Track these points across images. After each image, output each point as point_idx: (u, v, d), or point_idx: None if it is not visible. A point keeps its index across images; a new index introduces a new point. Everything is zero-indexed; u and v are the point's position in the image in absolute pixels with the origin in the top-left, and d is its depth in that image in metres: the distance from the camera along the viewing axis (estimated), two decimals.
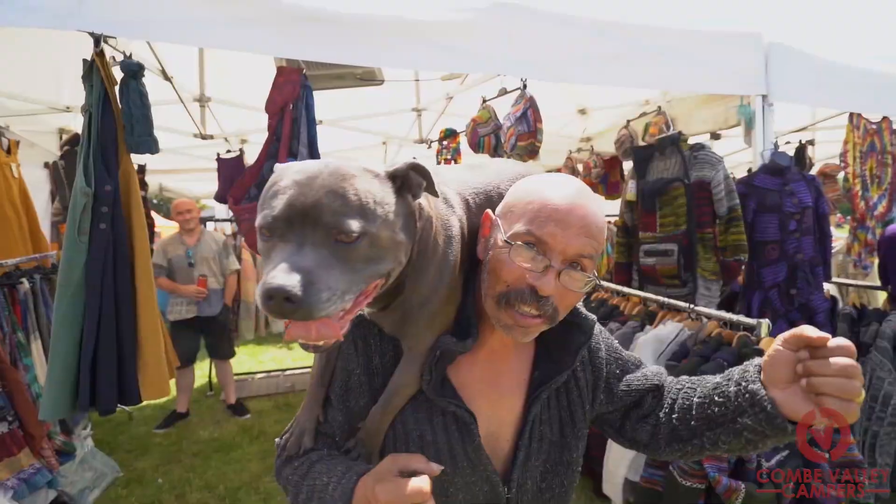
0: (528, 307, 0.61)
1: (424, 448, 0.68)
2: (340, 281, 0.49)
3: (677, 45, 2.17)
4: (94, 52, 1.42)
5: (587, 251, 0.62)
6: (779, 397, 0.57)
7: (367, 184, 0.52)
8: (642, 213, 2.34)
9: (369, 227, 0.51)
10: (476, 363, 0.72)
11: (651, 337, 2.03)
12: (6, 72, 2.62)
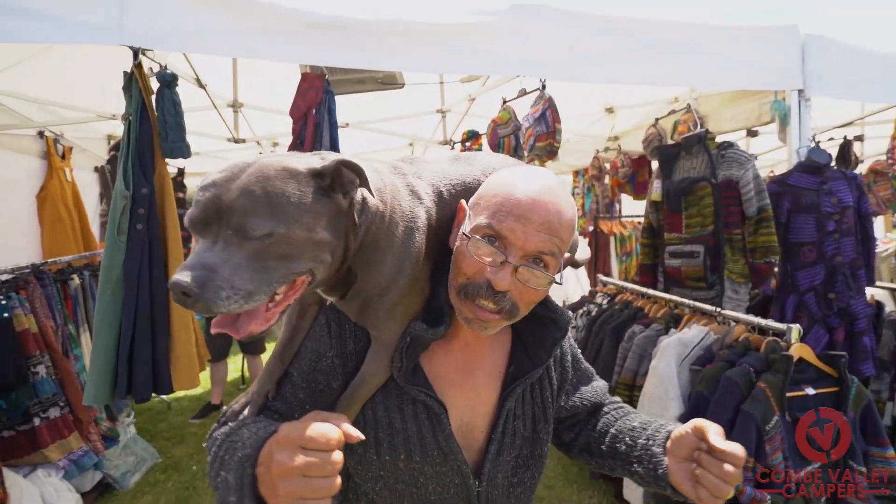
0: (486, 301, 0.61)
1: (394, 435, 0.68)
2: (246, 280, 0.49)
3: (705, 41, 2.10)
4: (133, 65, 1.51)
5: (547, 248, 0.61)
6: (671, 466, 0.65)
7: (283, 184, 0.52)
8: (667, 214, 2.28)
9: (277, 228, 0.50)
10: (451, 354, 0.72)
11: (675, 340, 1.98)
12: (60, 84, 2.82)
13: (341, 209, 0.57)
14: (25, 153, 3.07)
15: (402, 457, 0.67)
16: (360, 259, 0.62)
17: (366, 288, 0.64)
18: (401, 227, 0.63)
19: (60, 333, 2.60)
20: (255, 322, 0.53)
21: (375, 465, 0.68)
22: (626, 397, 2.16)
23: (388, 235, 0.63)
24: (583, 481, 2.59)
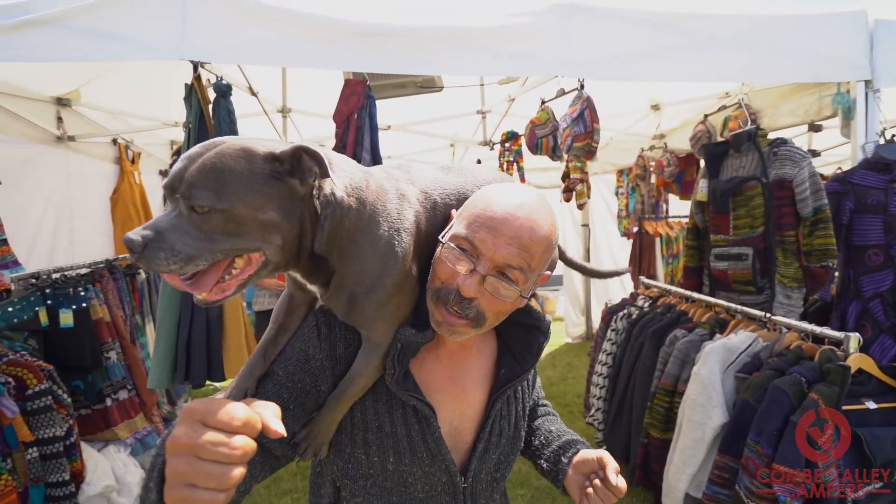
0: (455, 306, 0.63)
1: (383, 438, 0.69)
2: (188, 246, 0.52)
3: (759, 33, 2.00)
4: (193, 77, 1.64)
5: (516, 262, 0.62)
6: (570, 476, 0.78)
7: (234, 163, 0.54)
8: (714, 215, 2.19)
9: (219, 203, 0.52)
10: (439, 360, 0.74)
11: (719, 346, 1.91)
12: (130, 94, 3.08)
13: (296, 194, 0.58)
14: (101, 159, 3.38)
15: (391, 459, 0.69)
16: (336, 250, 0.63)
17: (347, 282, 0.65)
18: (384, 227, 0.64)
19: (128, 323, 2.85)
20: (207, 287, 0.56)
21: (364, 465, 0.71)
22: (667, 403, 2.10)
23: (369, 233, 0.64)
24: None
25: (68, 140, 3.00)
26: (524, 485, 2.62)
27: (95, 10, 1.57)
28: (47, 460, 1.99)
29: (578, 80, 2.01)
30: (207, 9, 1.61)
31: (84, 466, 2.20)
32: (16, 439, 1.84)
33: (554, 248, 0.68)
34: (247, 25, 1.65)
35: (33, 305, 2.28)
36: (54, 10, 1.54)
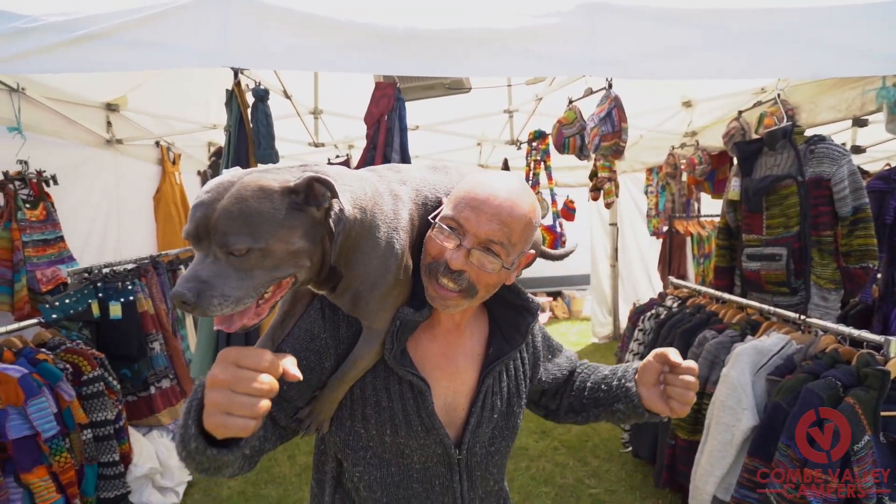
0: (445, 279, 0.69)
1: (381, 412, 0.75)
2: (235, 288, 0.56)
3: (798, 26, 1.94)
4: (234, 83, 1.73)
5: (497, 237, 0.68)
6: (644, 394, 0.80)
7: (258, 204, 0.57)
8: (746, 214, 2.14)
9: (256, 244, 0.56)
10: (435, 340, 0.80)
11: (750, 347, 1.87)
12: (172, 99, 3.24)
13: (316, 219, 0.62)
14: (145, 160, 3.57)
15: (388, 432, 0.75)
16: (344, 259, 0.69)
17: (353, 284, 0.70)
18: (383, 230, 0.70)
19: (170, 316, 3.01)
20: (247, 317, 0.60)
21: (364, 437, 0.76)
22: (695, 405, 2.07)
23: (371, 237, 0.69)
24: (647, 489, 2.51)
25: (116, 143, 3.19)
26: (548, 482, 2.64)
27: (145, 23, 1.67)
28: (100, 441, 2.14)
29: (606, 80, 2.00)
30: (247, 19, 1.70)
31: (131, 449, 2.35)
32: (73, 421, 1.98)
33: (534, 227, 0.74)
34: (283, 33, 1.73)
35: (86, 298, 2.44)
36: (108, 24, 1.65)
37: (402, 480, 0.76)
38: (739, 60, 1.93)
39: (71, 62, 1.70)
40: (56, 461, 1.86)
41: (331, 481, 0.81)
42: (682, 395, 0.75)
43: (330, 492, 0.81)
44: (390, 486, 0.76)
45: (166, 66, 1.72)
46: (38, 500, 1.78)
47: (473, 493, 0.80)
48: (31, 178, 2.47)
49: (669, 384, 0.76)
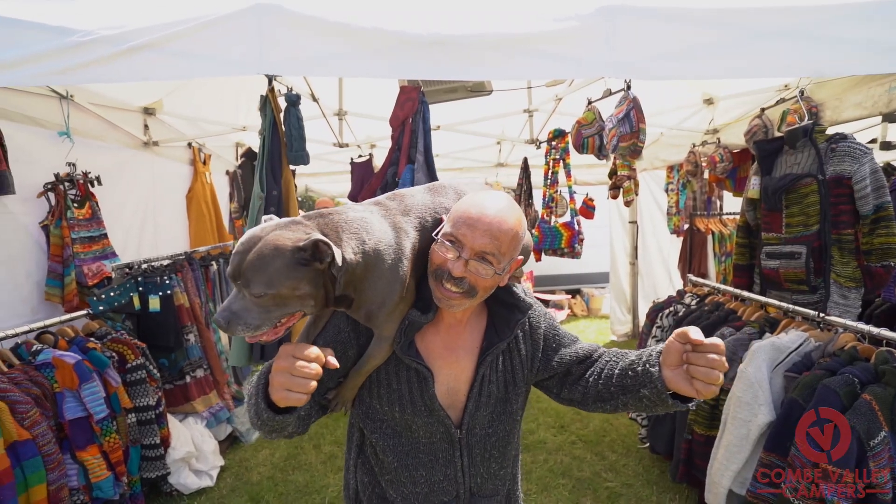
0: (449, 284, 0.83)
1: (391, 393, 0.90)
2: (254, 318, 0.74)
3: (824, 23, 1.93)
4: (268, 89, 1.84)
5: (489, 249, 0.81)
6: (668, 376, 0.79)
7: (273, 260, 0.73)
8: (766, 213, 2.15)
9: (270, 290, 0.73)
10: (438, 334, 0.93)
11: (768, 344, 1.90)
12: (204, 102, 3.39)
13: (319, 270, 0.77)
14: (178, 161, 3.74)
15: (397, 409, 0.90)
16: (353, 287, 0.83)
17: (364, 304, 0.85)
18: (387, 261, 0.84)
19: (203, 309, 3.16)
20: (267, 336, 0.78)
21: (379, 412, 0.92)
22: (713, 401, 2.11)
23: (376, 270, 0.83)
24: (663, 483, 2.55)
25: (153, 145, 3.36)
26: (566, 475, 2.69)
27: (186, 35, 1.79)
28: (142, 425, 2.29)
29: (625, 81, 2.04)
30: (279, 28, 1.80)
31: (170, 433, 2.50)
32: (119, 405, 2.13)
33: (521, 238, 0.86)
34: (314, 41, 1.82)
35: (128, 291, 2.60)
36: (155, 35, 1.77)
37: (411, 450, 0.91)
38: (760, 60, 1.94)
39: (123, 72, 1.83)
40: (106, 441, 2.01)
41: (355, 448, 0.99)
42: (706, 375, 0.72)
43: (353, 456, 0.99)
44: (400, 453, 0.91)
45: (207, 75, 1.83)
46: (91, 475, 1.93)
47: (475, 470, 0.93)
48: (79, 179, 2.63)
49: (692, 363, 0.74)
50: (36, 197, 2.50)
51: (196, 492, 2.57)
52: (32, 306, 2.47)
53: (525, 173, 3.52)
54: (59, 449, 1.85)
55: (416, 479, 0.91)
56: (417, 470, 0.90)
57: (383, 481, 0.93)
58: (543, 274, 6.78)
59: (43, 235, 2.54)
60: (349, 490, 1.00)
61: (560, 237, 2.82)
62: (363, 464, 0.97)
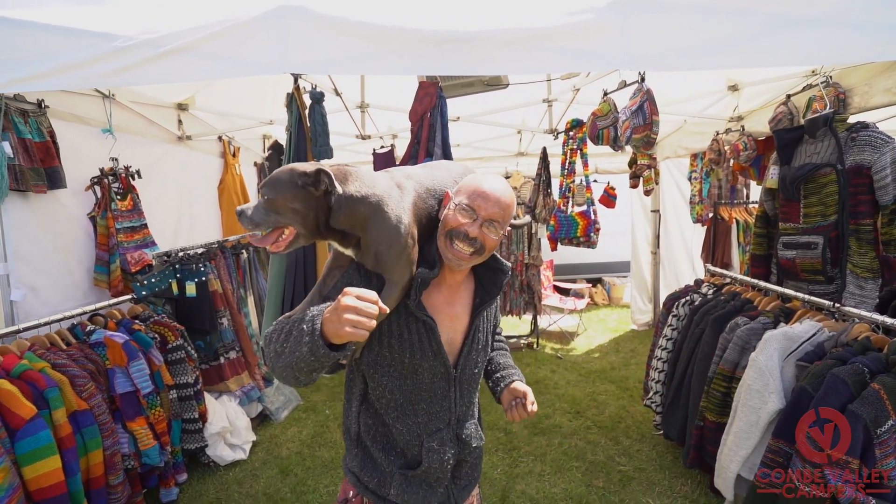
0: (462, 243, 1.02)
1: (402, 342, 1.05)
2: (257, 216, 0.95)
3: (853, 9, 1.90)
4: (294, 87, 1.94)
5: (497, 217, 1.03)
6: (503, 396, 1.19)
7: (283, 175, 0.94)
8: (783, 203, 2.14)
9: (270, 195, 0.94)
10: (441, 293, 1.11)
11: (780, 333, 1.91)
12: (233, 97, 3.54)
13: (314, 195, 0.96)
14: (210, 154, 3.93)
15: (408, 355, 1.05)
16: (359, 227, 1.00)
17: (372, 244, 1.00)
18: (390, 209, 1.01)
19: (235, 295, 3.35)
20: (269, 243, 0.97)
21: (388, 359, 1.06)
22: (724, 388, 2.14)
23: (380, 213, 1.00)
24: (676, 469, 2.60)
25: (186, 139, 3.54)
26: (579, 458, 2.77)
27: (216, 38, 1.90)
28: (182, 401, 2.49)
29: (639, 73, 2.05)
30: (304, 29, 1.89)
31: (207, 409, 2.70)
32: (162, 382, 2.32)
33: (513, 212, 1.08)
34: (337, 41, 1.91)
35: (168, 278, 2.79)
36: (189, 39, 1.90)
37: (415, 389, 1.08)
38: (778, 49, 1.93)
39: (160, 74, 1.96)
40: (152, 413, 2.20)
41: (358, 396, 1.12)
42: (513, 415, 1.13)
43: (357, 404, 1.12)
44: (405, 392, 1.07)
45: (236, 76, 1.94)
46: (139, 444, 2.13)
47: (462, 401, 1.15)
48: (121, 173, 2.82)
49: (515, 405, 1.14)
50: (84, 190, 2.70)
51: (231, 464, 2.77)
52: (84, 291, 2.68)
53: (544, 163, 3.55)
54: (112, 419, 2.04)
55: (418, 411, 1.08)
56: (419, 404, 1.08)
57: (389, 418, 1.08)
58: (564, 263, 6.78)
59: (91, 226, 2.75)
60: (350, 433, 1.14)
61: (576, 226, 2.85)
62: (367, 409, 1.12)
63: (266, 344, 0.98)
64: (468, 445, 1.15)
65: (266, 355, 0.97)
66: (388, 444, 1.11)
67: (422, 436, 1.09)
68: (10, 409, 1.71)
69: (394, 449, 1.10)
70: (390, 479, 1.09)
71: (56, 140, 2.42)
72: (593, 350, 4.78)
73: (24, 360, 1.88)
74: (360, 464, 1.13)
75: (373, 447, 1.11)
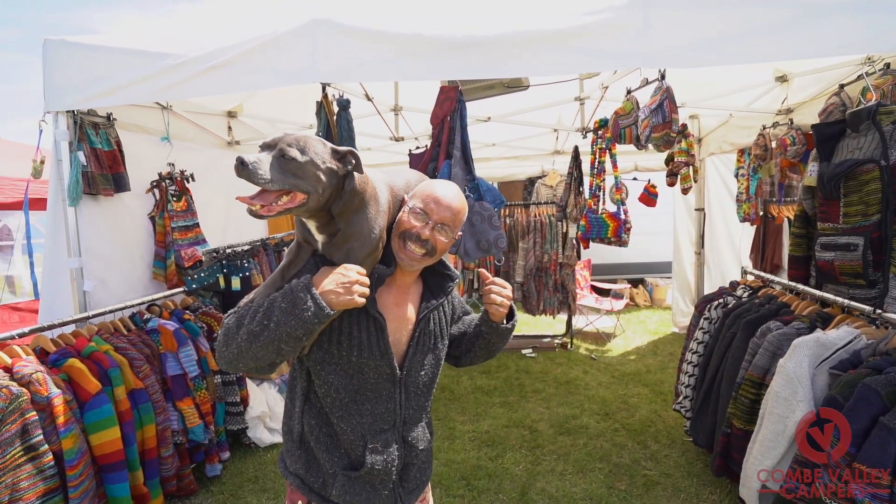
0: (414, 244, 1.07)
1: (351, 339, 1.05)
2: (272, 172, 0.89)
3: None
4: (322, 96, 2.07)
5: (447, 221, 1.08)
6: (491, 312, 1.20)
7: (315, 143, 0.93)
8: (822, 202, 2.02)
9: (300, 157, 0.90)
10: (391, 293, 1.14)
11: (811, 340, 1.82)
12: (278, 103, 3.78)
13: (337, 171, 0.97)
14: None
15: (355, 353, 1.06)
16: (345, 218, 1.02)
17: (349, 239, 1.02)
18: (373, 209, 1.06)
19: None
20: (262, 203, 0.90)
21: (335, 356, 1.07)
22: (753, 395, 2.06)
23: (365, 211, 1.03)
24: (705, 476, 2.52)
25: (235, 144, 3.81)
26: (604, 459, 2.74)
27: (252, 53, 2.08)
28: (226, 385, 2.71)
29: (659, 71, 2.01)
30: (331, 40, 2.02)
31: (248, 394, 2.92)
32: (208, 367, 2.55)
33: (464, 218, 1.14)
34: (360, 49, 2.02)
35: (215, 272, 3.04)
36: (230, 55, 2.08)
37: (360, 389, 1.08)
38: (817, 37, 1.83)
39: (206, 88, 2.17)
40: (198, 395, 2.43)
41: (301, 395, 1.12)
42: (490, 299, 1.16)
43: (300, 403, 1.12)
44: (351, 391, 1.08)
45: (271, 86, 2.11)
46: (187, 421, 2.36)
47: (408, 404, 1.14)
48: (177, 176, 3.11)
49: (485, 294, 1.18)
50: (144, 193, 3.00)
51: (269, 446, 2.98)
52: (144, 283, 2.99)
53: (576, 161, 3.51)
54: (164, 398, 2.28)
55: (362, 411, 1.08)
56: (364, 404, 1.09)
57: (334, 417, 1.08)
58: (603, 262, 6.62)
59: (150, 225, 3.05)
60: (293, 435, 1.14)
61: (606, 228, 2.81)
62: (309, 409, 1.12)
63: (235, 330, 0.96)
64: (415, 448, 1.15)
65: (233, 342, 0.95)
66: (331, 444, 1.10)
67: (366, 436, 1.08)
68: (80, 384, 1.96)
69: (337, 450, 1.10)
70: (332, 481, 1.08)
71: (122, 148, 2.71)
72: (630, 352, 4.66)
73: (92, 343, 2.15)
74: (304, 465, 1.12)
75: (316, 447, 1.10)
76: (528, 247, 4.76)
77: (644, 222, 6.18)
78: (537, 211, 4.93)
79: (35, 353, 1.99)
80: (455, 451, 2.87)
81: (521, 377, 4.07)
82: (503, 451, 2.87)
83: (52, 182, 2.43)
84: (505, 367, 4.31)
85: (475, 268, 4.74)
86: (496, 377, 4.08)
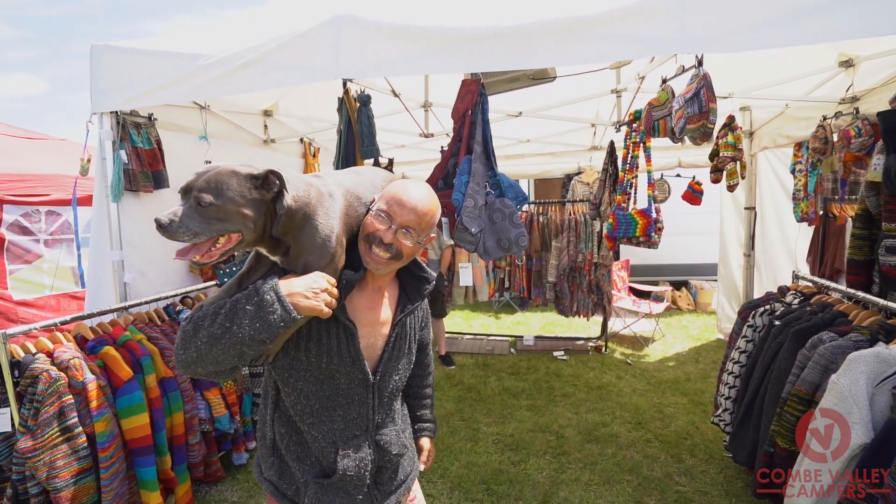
0: (378, 248, 1.03)
1: (320, 346, 1.02)
2: (196, 225, 0.85)
3: None
4: (343, 91, 2.06)
5: (411, 224, 1.03)
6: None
7: (227, 178, 0.86)
8: (888, 199, 1.80)
9: (217, 201, 0.85)
10: (363, 298, 1.10)
11: (870, 354, 1.62)
12: (312, 101, 3.84)
13: (264, 199, 0.91)
14: (291, 154, 4.30)
15: (325, 360, 1.03)
16: (292, 235, 0.97)
17: (302, 252, 0.98)
18: (321, 218, 0.99)
19: None
20: (200, 254, 0.88)
21: (304, 364, 1.04)
22: (800, 413, 1.87)
23: (312, 222, 0.97)
24: (746, 498, 2.33)
25: (271, 142, 3.91)
26: (633, 472, 2.60)
27: (278, 51, 2.09)
28: (253, 377, 2.78)
29: (696, 57, 1.85)
30: (353, 36, 2.01)
31: None
32: None
33: (435, 219, 1.09)
34: (382, 44, 1.99)
35: None
36: (256, 54, 2.11)
37: (331, 395, 1.06)
38: (871, 14, 1.62)
39: (235, 86, 2.22)
40: (225, 386, 2.50)
41: (271, 404, 1.11)
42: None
43: (271, 411, 1.11)
44: (321, 397, 1.05)
45: (295, 84, 2.13)
46: (213, 410, 2.43)
47: (381, 409, 1.13)
48: None
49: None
50: None
51: None
52: (181, 276, 3.12)
53: (611, 157, 3.35)
54: (192, 387, 2.36)
55: (334, 417, 1.06)
56: (335, 410, 1.06)
57: (305, 424, 1.06)
58: (643, 263, 6.33)
59: None
60: (266, 441, 1.12)
61: (635, 225, 2.65)
62: (279, 417, 1.09)
63: (193, 333, 0.89)
64: (387, 452, 1.13)
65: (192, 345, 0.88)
66: (301, 452, 1.08)
67: (337, 443, 1.06)
68: (113, 370, 2.06)
69: (308, 458, 1.08)
70: (304, 489, 1.07)
71: (161, 147, 2.83)
72: (668, 358, 4.42)
73: (127, 332, 2.25)
74: (277, 472, 1.11)
75: (287, 455, 1.09)
76: (562, 246, 4.61)
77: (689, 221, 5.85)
78: (572, 209, 4.76)
79: (76, 339, 2.11)
80: (477, 454, 2.81)
81: (550, 380, 3.95)
82: (527, 456, 2.78)
83: (97, 179, 2.57)
84: (535, 369, 4.20)
85: (506, 266, 4.65)
86: (525, 379, 3.98)
